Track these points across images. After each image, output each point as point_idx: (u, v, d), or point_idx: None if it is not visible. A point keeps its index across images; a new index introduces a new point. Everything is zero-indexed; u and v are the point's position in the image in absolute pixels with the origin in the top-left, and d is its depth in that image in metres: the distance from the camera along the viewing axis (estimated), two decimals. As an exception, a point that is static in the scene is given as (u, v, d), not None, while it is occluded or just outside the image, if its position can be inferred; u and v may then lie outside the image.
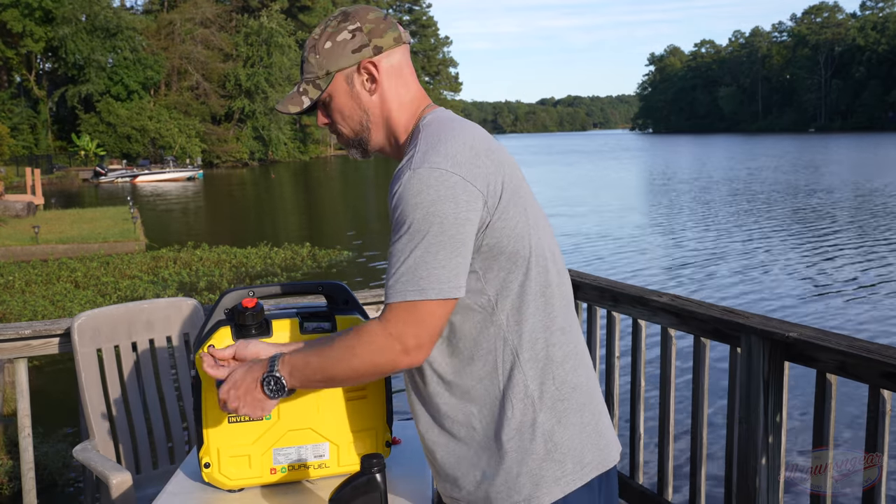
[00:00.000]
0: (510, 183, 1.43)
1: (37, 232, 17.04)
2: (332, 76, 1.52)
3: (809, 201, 24.12)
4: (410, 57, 1.60)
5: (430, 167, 1.36)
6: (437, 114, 1.53)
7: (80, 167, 52.29)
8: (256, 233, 19.40)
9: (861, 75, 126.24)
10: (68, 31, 56.46)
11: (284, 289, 1.93)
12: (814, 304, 10.57)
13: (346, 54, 1.51)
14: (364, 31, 1.50)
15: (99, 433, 2.58)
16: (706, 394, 2.81)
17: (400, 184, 1.38)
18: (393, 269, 1.38)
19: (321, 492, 1.78)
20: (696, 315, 2.70)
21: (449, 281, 1.36)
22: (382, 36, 1.51)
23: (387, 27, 1.52)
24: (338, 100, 1.54)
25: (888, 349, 2.11)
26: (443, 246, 1.35)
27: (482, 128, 1.52)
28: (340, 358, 1.42)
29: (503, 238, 1.41)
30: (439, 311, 1.38)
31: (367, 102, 1.53)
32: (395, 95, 1.53)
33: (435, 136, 1.43)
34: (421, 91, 1.58)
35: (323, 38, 1.52)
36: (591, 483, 1.47)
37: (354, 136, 1.57)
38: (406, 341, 1.37)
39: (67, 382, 2.90)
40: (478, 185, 1.38)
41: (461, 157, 1.39)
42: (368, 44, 1.50)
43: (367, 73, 1.52)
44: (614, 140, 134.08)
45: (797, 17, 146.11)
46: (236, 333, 1.77)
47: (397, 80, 1.54)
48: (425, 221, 1.35)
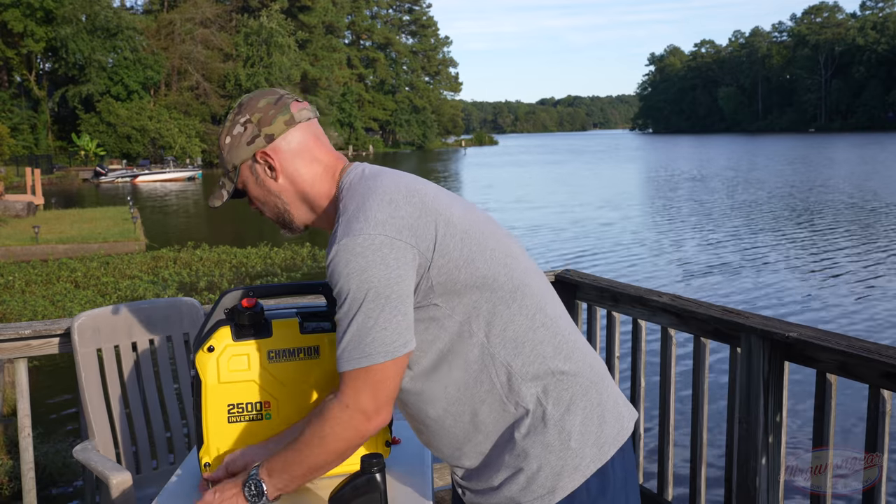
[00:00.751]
0: (442, 218, 1.45)
1: (37, 232, 17.04)
2: (238, 169, 1.57)
3: (811, 198, 24.13)
4: (320, 128, 1.62)
5: (353, 235, 1.39)
6: (352, 175, 1.55)
7: (80, 167, 52.29)
8: (256, 233, 19.41)
9: (861, 75, 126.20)
10: (69, 31, 56.43)
11: (284, 289, 1.93)
12: (814, 305, 10.57)
13: (242, 147, 1.55)
14: (253, 121, 1.54)
15: (99, 433, 2.58)
16: (706, 394, 2.81)
17: (329, 258, 1.41)
18: (339, 340, 1.42)
19: (321, 492, 1.78)
20: (696, 315, 2.70)
21: (394, 341, 1.40)
22: (272, 123, 1.54)
23: (276, 112, 1.54)
24: (250, 189, 1.59)
25: (888, 349, 2.11)
26: (381, 309, 1.39)
27: (401, 172, 1.55)
28: (314, 446, 1.46)
29: (452, 271, 1.44)
30: (391, 371, 1.42)
31: (276, 187, 1.56)
32: (302, 173, 1.56)
33: (352, 201, 1.47)
34: (332, 156, 1.59)
35: (224, 133, 1.57)
36: (613, 459, 1.50)
37: (277, 217, 1.62)
38: (365, 408, 1.42)
39: (67, 382, 2.90)
40: (403, 237, 1.40)
41: (381, 215, 1.41)
42: (259, 134, 1.54)
43: (264, 162, 1.55)
44: (616, 140, 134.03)
45: (797, 17, 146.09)
46: (236, 333, 1.77)
47: (301, 159, 1.56)
48: (360, 290, 1.38)
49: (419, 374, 1.51)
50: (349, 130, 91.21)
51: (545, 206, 25.08)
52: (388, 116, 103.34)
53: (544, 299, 1.54)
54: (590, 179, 39.46)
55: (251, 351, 1.73)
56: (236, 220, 22.35)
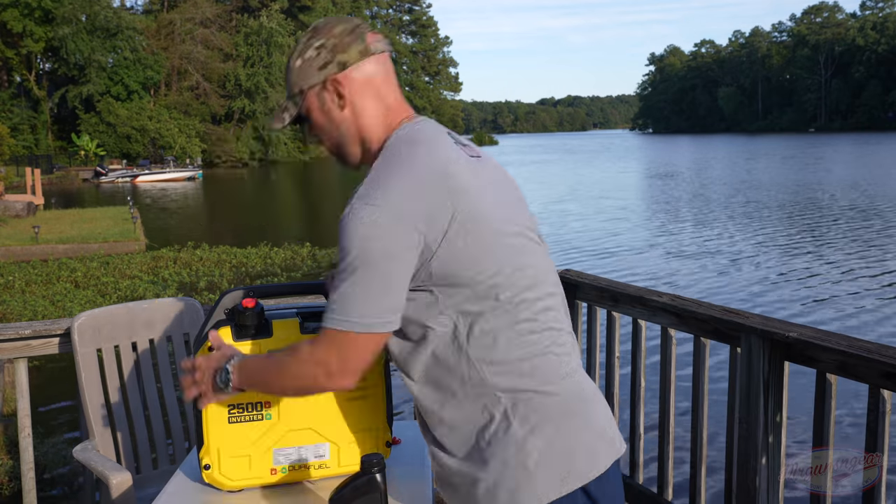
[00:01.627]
0: (463, 210, 1.40)
1: (37, 232, 17.04)
2: (304, 94, 1.54)
3: (810, 198, 24.14)
4: (392, 65, 1.58)
5: (367, 203, 1.39)
6: (404, 132, 1.51)
7: (80, 167, 52.28)
8: (256, 233, 19.39)
9: (861, 75, 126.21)
10: (68, 31, 56.45)
11: (284, 289, 1.93)
12: (814, 304, 10.57)
13: (312, 72, 1.52)
14: (328, 46, 1.51)
15: (99, 433, 2.58)
16: (706, 394, 2.81)
17: (344, 215, 1.42)
18: (330, 295, 1.44)
19: (321, 492, 1.78)
20: (696, 315, 2.70)
21: (377, 316, 1.41)
22: (346, 50, 1.51)
23: (352, 40, 1.51)
24: (313, 116, 1.56)
25: (888, 349, 2.11)
26: (371, 283, 1.39)
27: (446, 147, 1.48)
28: (276, 373, 1.52)
29: (454, 266, 1.41)
30: (364, 343, 1.43)
31: (339, 118, 1.54)
32: (366, 108, 1.53)
33: (385, 164, 1.45)
34: (399, 102, 1.56)
35: (295, 56, 1.54)
36: (574, 494, 1.43)
37: (334, 149, 1.59)
38: (330, 367, 1.44)
39: (67, 382, 2.90)
40: (416, 222, 1.38)
41: (402, 194, 1.39)
42: (332, 60, 1.51)
43: (333, 90, 1.52)
44: (610, 140, 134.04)
45: (797, 18, 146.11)
46: (236, 333, 1.77)
47: (366, 92, 1.53)
48: (358, 258, 1.39)
49: (405, 346, 1.50)
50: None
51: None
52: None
53: (545, 315, 1.49)
54: (566, 176, 39.45)
55: (252, 351, 1.73)
56: (236, 220, 22.33)
